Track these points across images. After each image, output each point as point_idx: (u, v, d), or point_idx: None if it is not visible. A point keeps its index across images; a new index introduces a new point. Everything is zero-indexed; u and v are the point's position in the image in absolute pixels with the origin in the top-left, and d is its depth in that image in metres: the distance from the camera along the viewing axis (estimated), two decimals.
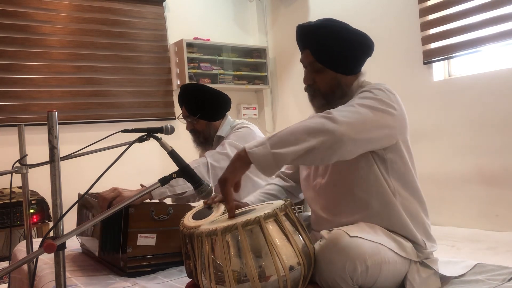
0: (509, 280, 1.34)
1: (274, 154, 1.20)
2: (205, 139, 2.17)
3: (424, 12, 3.48)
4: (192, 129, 2.17)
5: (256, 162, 1.21)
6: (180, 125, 2.26)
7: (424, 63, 3.50)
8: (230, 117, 2.25)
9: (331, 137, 1.21)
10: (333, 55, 1.43)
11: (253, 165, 1.22)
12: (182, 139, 2.45)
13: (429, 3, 3.47)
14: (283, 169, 1.77)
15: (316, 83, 1.47)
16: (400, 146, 1.40)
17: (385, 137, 1.35)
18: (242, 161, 1.23)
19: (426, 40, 3.49)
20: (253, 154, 1.21)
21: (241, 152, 1.24)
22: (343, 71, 1.46)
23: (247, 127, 2.12)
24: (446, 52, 3.35)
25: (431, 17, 3.47)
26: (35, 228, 3.22)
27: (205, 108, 2.12)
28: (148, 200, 1.73)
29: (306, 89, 1.51)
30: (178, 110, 4.09)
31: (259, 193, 1.67)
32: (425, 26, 3.49)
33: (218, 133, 2.17)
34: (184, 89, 2.17)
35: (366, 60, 1.52)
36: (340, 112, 1.26)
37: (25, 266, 1.76)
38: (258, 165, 1.21)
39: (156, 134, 1.38)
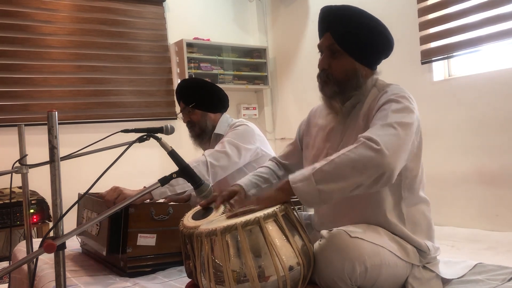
0: (509, 280, 1.35)
1: (320, 191, 1.18)
2: (202, 130, 2.16)
3: (423, 11, 3.48)
4: (188, 121, 2.18)
5: (301, 197, 1.20)
6: (181, 125, 2.26)
7: (422, 63, 3.49)
8: (228, 116, 2.24)
9: (380, 172, 1.16)
10: (356, 40, 1.37)
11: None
12: (182, 139, 2.45)
13: (428, 3, 3.46)
14: (278, 156, 1.74)
15: (331, 68, 1.41)
16: (416, 150, 1.37)
17: (412, 150, 1.33)
18: (285, 193, 1.22)
19: (425, 39, 3.49)
20: (298, 190, 1.20)
21: (284, 184, 1.23)
22: (361, 60, 1.40)
23: (245, 125, 2.12)
24: (445, 52, 3.34)
25: (430, 16, 3.46)
26: (35, 228, 3.22)
27: (199, 97, 2.13)
28: (148, 200, 1.73)
29: (319, 75, 1.44)
30: (178, 109, 4.10)
31: (252, 175, 1.63)
32: (424, 25, 3.49)
33: (216, 131, 2.16)
34: (180, 83, 2.22)
35: (382, 61, 1.47)
36: (383, 138, 1.18)
37: (25, 266, 1.76)
38: (303, 200, 1.21)
39: (156, 134, 1.38)
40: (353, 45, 1.38)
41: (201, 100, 2.13)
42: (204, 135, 2.17)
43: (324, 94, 1.45)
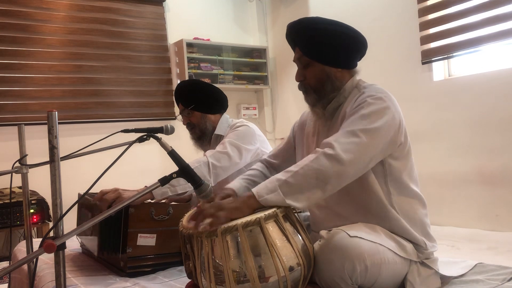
0: (509, 280, 1.35)
1: (290, 204, 1.22)
2: (202, 132, 2.16)
3: (423, 12, 3.48)
4: (188, 123, 2.18)
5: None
6: (181, 125, 2.26)
7: (423, 63, 3.50)
8: (228, 116, 2.24)
9: (340, 179, 1.25)
10: (318, 46, 1.43)
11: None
12: (182, 139, 2.45)
13: (428, 3, 3.46)
14: (267, 156, 1.79)
15: (306, 79, 1.48)
16: (399, 148, 1.39)
17: (387, 150, 1.35)
18: (251, 207, 1.23)
19: (425, 39, 3.49)
20: (267, 202, 1.22)
21: (249, 199, 1.23)
22: (330, 63, 1.44)
23: (246, 125, 2.12)
24: (445, 52, 3.35)
25: (430, 16, 3.47)
26: (35, 228, 3.22)
27: (198, 99, 2.12)
28: (149, 200, 1.73)
29: (299, 87, 1.51)
30: (177, 110, 4.10)
31: (242, 178, 1.66)
32: (424, 26, 3.49)
33: (217, 132, 2.16)
34: (179, 85, 2.21)
35: (359, 58, 1.50)
36: (342, 146, 1.25)
37: (25, 266, 1.76)
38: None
39: (156, 134, 1.38)
40: (318, 52, 1.44)
41: (200, 102, 2.13)
42: (204, 138, 2.17)
43: (308, 103, 1.52)
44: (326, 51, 1.43)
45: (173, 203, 1.86)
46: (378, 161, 1.35)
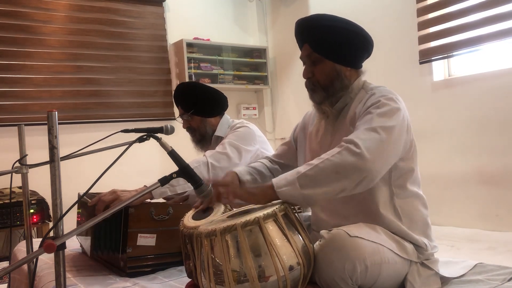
0: (509, 280, 1.35)
1: (305, 196, 1.22)
2: (202, 136, 2.17)
3: (422, 11, 3.48)
4: (188, 127, 2.17)
5: (285, 200, 1.24)
6: (180, 125, 2.26)
7: (420, 63, 3.49)
8: (228, 117, 2.24)
9: (362, 176, 1.22)
10: (330, 43, 1.42)
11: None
12: (182, 139, 2.45)
13: (427, 2, 3.46)
14: (271, 155, 1.79)
15: (315, 76, 1.46)
16: (406, 149, 1.39)
17: (402, 150, 1.35)
18: (268, 198, 1.25)
19: (423, 39, 3.49)
20: (283, 194, 1.23)
21: (267, 189, 1.25)
22: (341, 61, 1.44)
23: (246, 126, 2.12)
24: (444, 51, 3.34)
25: (429, 16, 3.47)
26: (35, 228, 3.22)
27: (197, 103, 2.12)
28: (148, 200, 1.73)
29: (306, 84, 1.50)
30: (177, 110, 4.10)
31: (248, 167, 1.68)
32: (423, 25, 3.49)
33: (217, 133, 2.16)
34: (178, 87, 2.19)
35: (366, 58, 1.51)
36: (365, 143, 1.23)
37: (25, 266, 1.76)
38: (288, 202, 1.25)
39: (156, 134, 1.38)
40: (329, 49, 1.43)
41: (200, 107, 2.12)
42: (204, 141, 2.18)
43: (314, 101, 1.50)
44: (338, 49, 1.43)
45: (170, 201, 1.86)
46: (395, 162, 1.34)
